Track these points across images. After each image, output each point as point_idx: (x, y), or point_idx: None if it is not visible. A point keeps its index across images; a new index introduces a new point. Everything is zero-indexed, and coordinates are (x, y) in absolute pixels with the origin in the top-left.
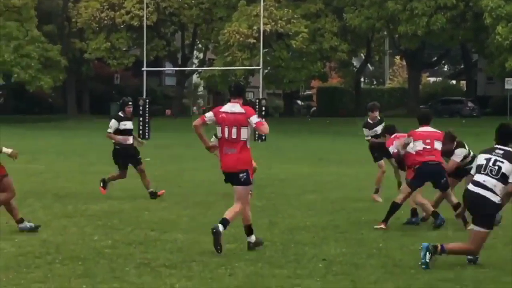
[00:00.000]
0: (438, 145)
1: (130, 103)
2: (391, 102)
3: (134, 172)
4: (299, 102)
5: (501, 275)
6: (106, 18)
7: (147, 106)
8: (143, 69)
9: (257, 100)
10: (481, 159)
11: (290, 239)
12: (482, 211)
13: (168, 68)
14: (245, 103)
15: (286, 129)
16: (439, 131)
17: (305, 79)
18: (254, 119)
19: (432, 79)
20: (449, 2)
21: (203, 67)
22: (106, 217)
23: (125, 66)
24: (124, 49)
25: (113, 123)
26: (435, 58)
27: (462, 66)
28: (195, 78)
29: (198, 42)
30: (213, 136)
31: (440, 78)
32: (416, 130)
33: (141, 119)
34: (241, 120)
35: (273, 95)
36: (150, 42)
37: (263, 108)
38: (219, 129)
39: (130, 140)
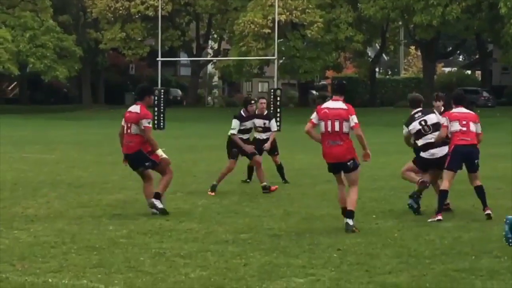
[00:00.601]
0: (473, 127)
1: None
2: (406, 92)
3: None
4: (314, 92)
5: None
6: (121, 8)
7: (162, 96)
8: (158, 59)
9: (272, 90)
10: None
11: (305, 228)
12: None
13: (183, 58)
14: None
15: (301, 120)
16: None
17: (320, 69)
18: (355, 119)
19: (447, 69)
20: None
21: (217, 57)
22: (121, 207)
23: (140, 56)
24: (139, 39)
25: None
26: (450, 48)
27: (477, 56)
28: (210, 68)
29: (213, 32)
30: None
31: (455, 68)
32: (452, 111)
33: (156, 109)
34: (343, 114)
35: (288, 85)
36: (165, 32)
37: (278, 98)
38: (322, 124)
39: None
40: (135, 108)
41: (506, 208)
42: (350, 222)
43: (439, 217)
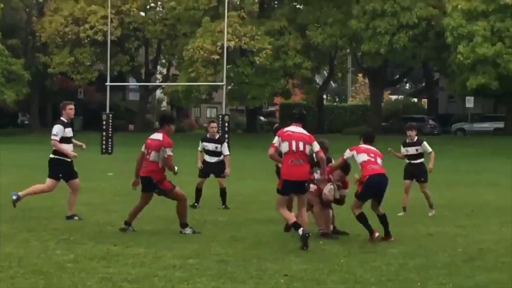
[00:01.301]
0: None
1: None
2: (353, 119)
3: (95, 187)
4: (262, 118)
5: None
6: (70, 32)
7: (110, 121)
8: (106, 83)
9: (220, 116)
10: None
11: (252, 254)
12: None
13: (132, 83)
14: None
15: (249, 145)
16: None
17: (268, 95)
18: (316, 146)
19: (394, 97)
20: (411, 21)
21: (166, 82)
22: (69, 231)
23: (89, 81)
24: (88, 63)
25: None
26: (397, 76)
27: (423, 84)
28: (158, 93)
29: (162, 57)
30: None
31: (402, 96)
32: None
33: (104, 133)
34: (307, 138)
35: (236, 111)
36: (114, 57)
37: (226, 124)
38: (285, 144)
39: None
40: (157, 136)
41: (452, 235)
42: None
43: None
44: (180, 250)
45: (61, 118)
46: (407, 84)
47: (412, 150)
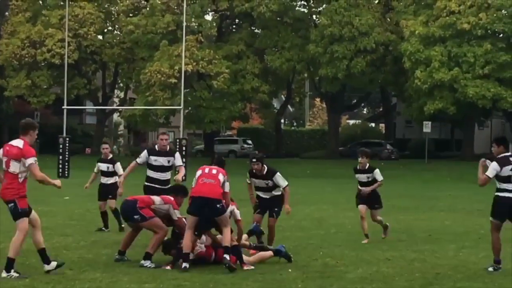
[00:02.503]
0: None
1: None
2: (311, 144)
3: (51, 210)
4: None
5: None
6: (27, 55)
7: (67, 144)
8: (63, 107)
9: (178, 140)
10: (506, 170)
11: (210, 278)
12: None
13: (89, 107)
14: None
15: None
16: None
17: (226, 119)
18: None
19: (351, 122)
20: (369, 46)
21: (124, 106)
22: (24, 255)
23: (46, 104)
24: (45, 87)
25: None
26: (355, 100)
27: (381, 109)
28: (115, 117)
29: (119, 81)
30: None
31: (360, 121)
32: None
33: (60, 157)
34: (217, 173)
35: (194, 135)
36: (71, 80)
37: (184, 148)
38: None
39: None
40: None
41: (410, 260)
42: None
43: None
44: (136, 275)
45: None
46: (365, 109)
47: (362, 178)
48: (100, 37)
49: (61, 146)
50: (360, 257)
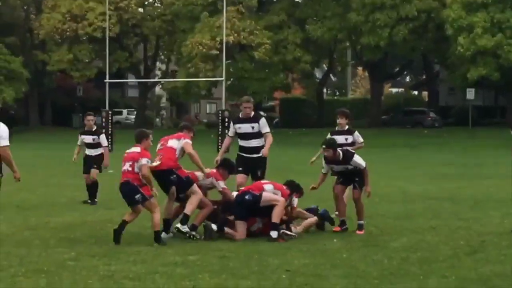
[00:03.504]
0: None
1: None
2: (353, 113)
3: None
4: (262, 113)
5: (464, 285)
6: (68, 29)
7: (110, 118)
8: (105, 80)
9: (220, 111)
10: None
11: (254, 249)
12: None
13: (131, 80)
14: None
15: None
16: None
17: (268, 90)
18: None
19: (394, 90)
20: (411, 14)
21: (165, 78)
22: (69, 229)
23: (88, 78)
24: (87, 60)
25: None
26: (397, 69)
27: (424, 77)
28: (157, 89)
29: (160, 53)
30: None
31: (402, 89)
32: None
33: (103, 130)
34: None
35: (236, 106)
36: (112, 54)
37: (226, 119)
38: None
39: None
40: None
41: (454, 228)
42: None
43: None
44: (181, 247)
45: None
46: (407, 77)
47: (341, 139)
48: (140, 9)
49: (104, 119)
50: (404, 226)
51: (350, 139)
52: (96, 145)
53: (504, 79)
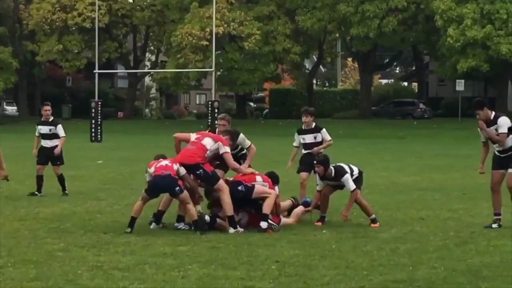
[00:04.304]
0: None
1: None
2: (343, 104)
3: (84, 175)
4: (251, 104)
5: (453, 276)
6: (57, 20)
7: (99, 108)
8: (95, 71)
9: (210, 102)
10: None
11: (243, 240)
12: None
13: (120, 70)
14: None
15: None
16: None
17: (258, 81)
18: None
19: (384, 81)
20: (400, 5)
21: (155, 69)
22: (59, 220)
23: (77, 68)
24: (76, 51)
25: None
26: (387, 60)
27: (413, 68)
28: (147, 80)
29: (150, 44)
30: None
31: (392, 80)
32: None
33: (93, 121)
34: None
35: (225, 97)
36: (102, 44)
37: (216, 110)
38: None
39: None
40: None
41: (443, 219)
42: None
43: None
44: (170, 238)
45: None
46: (397, 68)
47: (309, 138)
48: (130, 0)
49: (93, 110)
50: (394, 217)
51: (319, 137)
52: (53, 135)
53: (494, 71)
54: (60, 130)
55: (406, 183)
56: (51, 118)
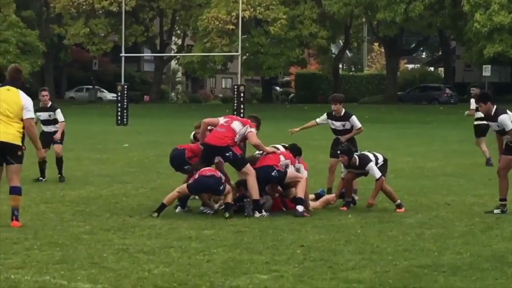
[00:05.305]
0: None
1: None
2: (369, 88)
3: (110, 158)
4: (277, 88)
5: (479, 261)
6: (84, 3)
7: (125, 91)
8: (121, 54)
9: (236, 86)
10: None
11: (269, 225)
12: None
13: (147, 54)
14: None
15: (265, 116)
16: None
17: (284, 65)
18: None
19: (410, 66)
20: None
21: (181, 53)
22: (84, 203)
23: (104, 52)
24: (103, 34)
25: None
26: (413, 45)
27: (440, 53)
28: (173, 64)
29: (176, 28)
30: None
31: (418, 65)
32: None
33: (119, 104)
34: None
35: (251, 81)
36: (128, 28)
37: (242, 94)
38: None
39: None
40: None
41: (468, 204)
42: None
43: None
44: (196, 222)
45: None
46: (424, 53)
47: (338, 125)
48: None
49: (119, 93)
50: (420, 202)
51: (348, 125)
52: (53, 121)
53: None
54: (59, 114)
55: (431, 168)
56: (49, 104)
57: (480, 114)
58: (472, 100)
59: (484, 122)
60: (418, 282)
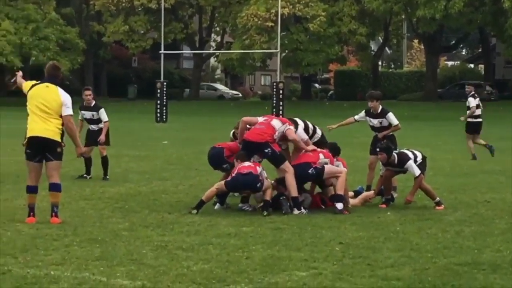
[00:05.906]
0: None
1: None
2: (408, 86)
3: (149, 155)
4: (316, 85)
5: None
6: (124, 0)
7: (165, 89)
8: (160, 52)
9: (275, 83)
10: None
11: (307, 222)
12: None
13: (186, 51)
14: None
15: (304, 113)
16: None
17: (323, 62)
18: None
19: (450, 63)
20: None
21: (220, 50)
22: (124, 199)
23: (143, 49)
24: (142, 32)
25: None
26: (453, 41)
27: (480, 50)
28: (212, 61)
29: (215, 25)
30: None
31: (458, 62)
32: None
33: (158, 102)
34: None
35: (290, 78)
36: (167, 25)
37: (281, 91)
38: None
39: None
40: None
41: (508, 202)
42: None
43: None
44: (234, 218)
45: None
46: (464, 50)
47: (375, 122)
48: None
49: (158, 90)
50: (459, 200)
51: (384, 122)
52: (97, 120)
53: None
54: (102, 114)
55: (471, 166)
56: (93, 103)
57: (480, 112)
58: (471, 99)
59: (480, 120)
60: (457, 280)
